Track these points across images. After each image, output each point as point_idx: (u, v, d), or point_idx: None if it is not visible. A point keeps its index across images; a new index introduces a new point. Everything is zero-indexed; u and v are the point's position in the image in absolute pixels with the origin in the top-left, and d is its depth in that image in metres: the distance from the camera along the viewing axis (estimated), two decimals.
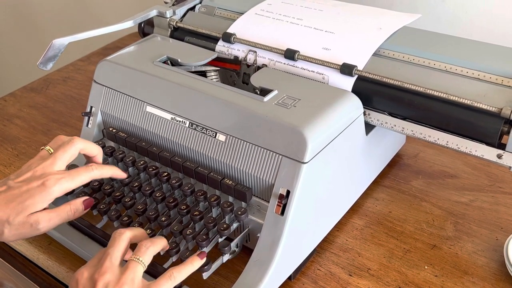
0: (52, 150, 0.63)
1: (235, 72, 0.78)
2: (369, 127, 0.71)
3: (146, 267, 0.55)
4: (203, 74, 0.77)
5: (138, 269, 0.53)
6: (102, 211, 0.69)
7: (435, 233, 0.72)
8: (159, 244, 0.58)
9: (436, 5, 0.99)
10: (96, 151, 0.65)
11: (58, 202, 0.62)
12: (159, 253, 0.59)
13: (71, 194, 0.71)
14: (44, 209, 0.59)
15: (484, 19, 0.95)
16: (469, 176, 0.81)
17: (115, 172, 0.66)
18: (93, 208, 0.69)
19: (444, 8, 0.98)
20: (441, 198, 0.77)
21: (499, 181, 0.80)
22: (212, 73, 0.78)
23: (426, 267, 0.67)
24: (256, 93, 0.69)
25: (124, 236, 0.56)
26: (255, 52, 0.76)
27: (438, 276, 0.66)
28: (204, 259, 0.59)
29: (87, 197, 0.63)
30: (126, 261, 0.55)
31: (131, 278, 0.52)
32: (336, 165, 0.66)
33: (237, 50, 0.78)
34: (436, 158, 0.85)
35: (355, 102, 0.67)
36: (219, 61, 0.79)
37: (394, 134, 0.76)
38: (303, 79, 0.71)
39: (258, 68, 0.76)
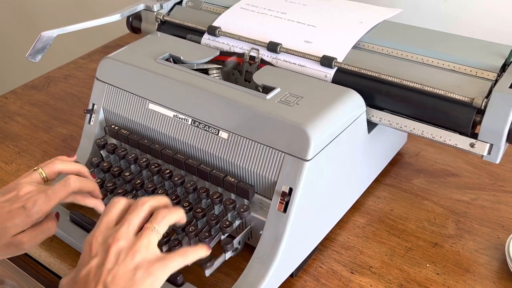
0: (44, 174, 0.62)
1: (237, 70, 0.79)
2: (371, 125, 0.71)
3: (161, 236, 0.53)
4: (205, 71, 0.77)
5: (152, 237, 0.52)
6: None
7: (436, 231, 0.72)
8: (176, 215, 0.55)
9: (438, 4, 0.99)
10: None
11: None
12: None
13: None
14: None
15: (487, 19, 0.95)
16: (470, 175, 0.81)
17: (95, 190, 0.64)
18: None
19: (446, 8, 0.99)
20: (442, 197, 0.77)
21: (501, 179, 0.80)
22: (214, 71, 0.78)
23: (428, 265, 0.67)
24: (258, 90, 0.69)
25: (146, 205, 0.55)
26: (257, 50, 0.76)
27: (440, 274, 0.66)
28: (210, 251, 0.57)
29: (56, 211, 0.63)
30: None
31: (145, 245, 0.51)
32: (338, 163, 0.66)
33: (221, 43, 0.79)
34: (437, 157, 0.85)
35: (358, 100, 0.67)
36: (221, 55, 0.79)
37: (395, 132, 0.76)
38: (306, 77, 0.71)
39: (261, 65, 0.76)
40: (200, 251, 0.56)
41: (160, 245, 0.54)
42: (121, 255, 0.50)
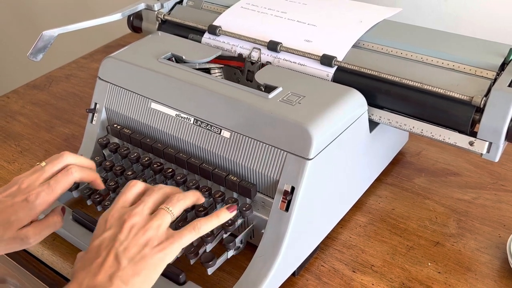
0: None
1: (239, 69, 0.79)
2: (372, 124, 0.71)
3: (175, 217, 0.55)
4: (207, 71, 0.78)
5: (165, 218, 0.54)
6: (107, 207, 0.69)
7: (438, 230, 0.72)
8: (190, 198, 0.58)
9: (438, 4, 0.99)
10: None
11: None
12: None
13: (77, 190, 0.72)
14: (32, 221, 0.59)
15: (487, 19, 0.96)
16: (471, 174, 0.81)
17: (96, 180, 0.65)
18: (98, 204, 0.69)
19: (446, 8, 0.99)
20: (444, 196, 0.78)
21: (502, 179, 0.80)
22: (216, 70, 0.78)
23: (429, 263, 0.67)
24: (260, 90, 0.69)
25: (162, 190, 0.57)
26: (259, 49, 0.76)
27: (441, 272, 0.66)
28: (234, 213, 0.58)
29: (62, 205, 0.64)
30: None
31: (157, 225, 0.53)
32: (340, 162, 0.66)
33: (222, 42, 0.80)
34: (438, 156, 0.85)
35: (360, 99, 0.68)
36: (222, 59, 0.79)
37: (396, 132, 0.77)
38: (307, 76, 0.71)
39: (263, 65, 0.76)
40: (215, 220, 0.57)
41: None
42: (133, 230, 0.52)
